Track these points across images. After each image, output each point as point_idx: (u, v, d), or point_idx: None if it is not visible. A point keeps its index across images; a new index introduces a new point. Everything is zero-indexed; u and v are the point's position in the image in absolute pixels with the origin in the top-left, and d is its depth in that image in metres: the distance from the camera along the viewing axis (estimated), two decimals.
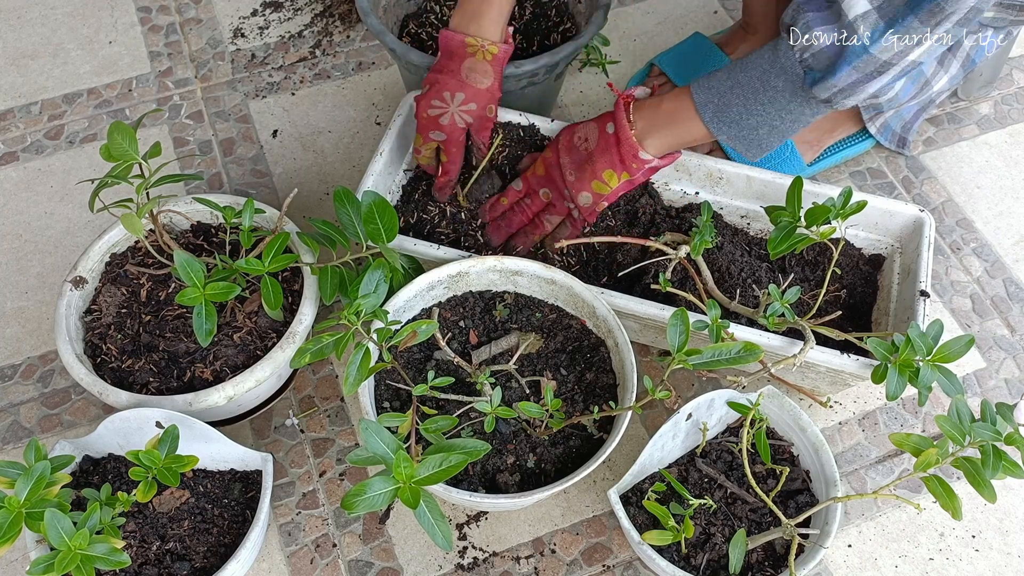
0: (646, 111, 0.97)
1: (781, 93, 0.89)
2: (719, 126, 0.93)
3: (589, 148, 0.98)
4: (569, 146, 1.00)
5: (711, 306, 0.90)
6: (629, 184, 0.99)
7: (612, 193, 0.99)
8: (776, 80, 0.89)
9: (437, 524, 0.73)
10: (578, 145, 1.00)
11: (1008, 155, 1.29)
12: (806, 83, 0.88)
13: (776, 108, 0.91)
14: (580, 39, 1.11)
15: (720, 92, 0.92)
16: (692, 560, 0.89)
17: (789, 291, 0.93)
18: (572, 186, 0.99)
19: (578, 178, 0.99)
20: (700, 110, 0.93)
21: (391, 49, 1.11)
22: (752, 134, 0.93)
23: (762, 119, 0.92)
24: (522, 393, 0.95)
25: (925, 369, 0.85)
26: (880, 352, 0.87)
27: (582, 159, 0.99)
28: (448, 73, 1.00)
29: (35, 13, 1.43)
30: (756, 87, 0.90)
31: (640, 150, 0.96)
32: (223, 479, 0.95)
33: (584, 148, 0.99)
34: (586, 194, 0.99)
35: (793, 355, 0.91)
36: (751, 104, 0.91)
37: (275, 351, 0.93)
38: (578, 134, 1.00)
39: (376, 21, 1.12)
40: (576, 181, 0.99)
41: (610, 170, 0.97)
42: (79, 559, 0.74)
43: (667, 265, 0.99)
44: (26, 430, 1.05)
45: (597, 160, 0.98)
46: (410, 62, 1.10)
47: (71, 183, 1.24)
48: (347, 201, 0.93)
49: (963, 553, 0.98)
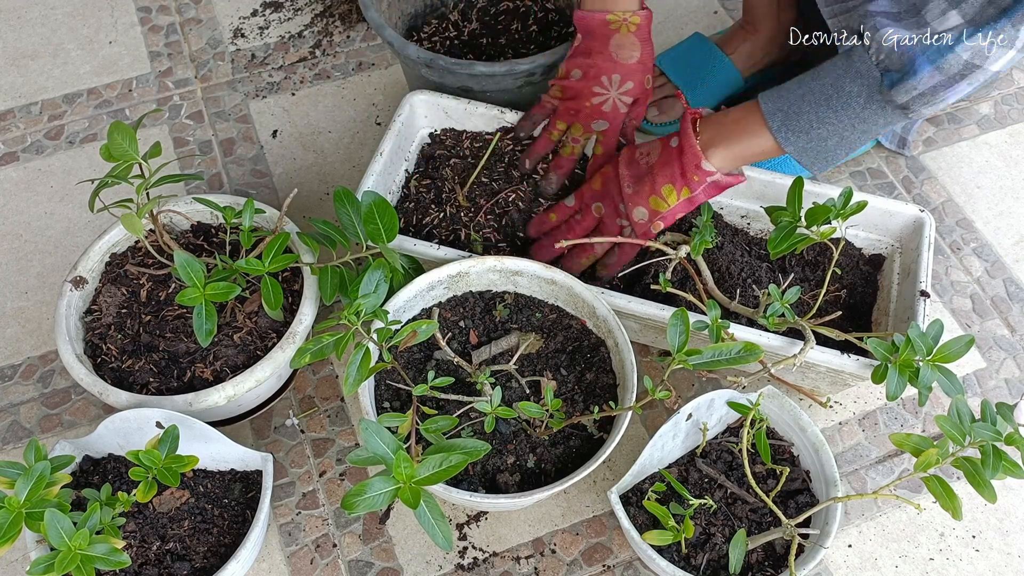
0: (712, 122, 0.94)
1: (855, 99, 0.86)
2: (787, 136, 0.90)
3: (650, 162, 0.95)
4: (630, 160, 0.97)
5: (711, 306, 0.90)
6: (689, 204, 0.94)
7: (670, 212, 0.95)
8: (851, 85, 0.86)
9: (437, 524, 0.73)
10: (639, 160, 0.96)
11: (1008, 155, 1.29)
12: (884, 85, 0.84)
13: (849, 116, 0.87)
14: None
15: (790, 100, 0.89)
16: (692, 560, 0.89)
17: (789, 291, 0.93)
18: (629, 199, 0.95)
19: (636, 191, 0.95)
20: (768, 119, 0.90)
21: (389, 42, 1.11)
22: (821, 145, 0.90)
23: (833, 128, 0.88)
24: (522, 393, 0.95)
25: (925, 369, 0.85)
26: (880, 352, 0.87)
27: (642, 173, 0.95)
28: (598, 55, 0.97)
29: (35, 13, 1.43)
30: (829, 94, 0.87)
31: (703, 159, 0.92)
32: (223, 479, 0.95)
33: (645, 162, 0.96)
34: (642, 209, 0.95)
35: (793, 355, 0.91)
36: (823, 112, 0.88)
37: (275, 351, 0.93)
38: (640, 149, 0.97)
39: (376, 15, 1.12)
40: (633, 195, 0.95)
41: (669, 185, 0.93)
42: (79, 559, 0.74)
43: (667, 265, 0.99)
44: (26, 430, 1.05)
45: (658, 174, 0.94)
46: (407, 56, 1.10)
47: (71, 183, 1.25)
48: (347, 201, 0.93)
49: (963, 553, 0.98)
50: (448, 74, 1.10)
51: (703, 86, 1.27)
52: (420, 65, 1.10)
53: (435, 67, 1.09)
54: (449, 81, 1.12)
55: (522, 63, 1.08)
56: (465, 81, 1.11)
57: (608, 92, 0.98)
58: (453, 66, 1.08)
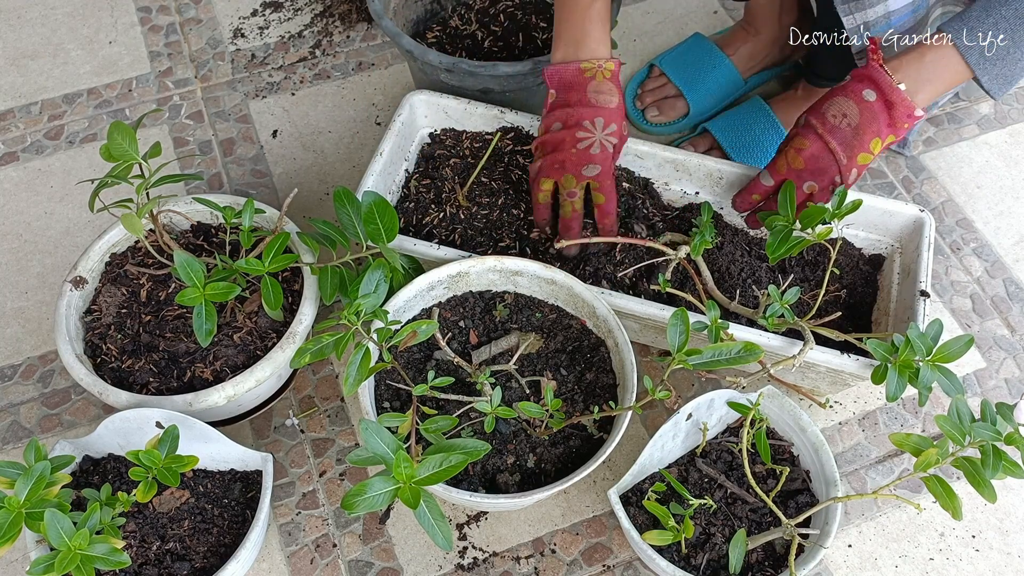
0: (909, 68, 0.93)
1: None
2: (985, 67, 0.91)
3: (852, 123, 0.94)
4: (831, 127, 0.94)
5: (710, 307, 0.90)
6: (889, 145, 0.96)
7: (873, 160, 0.96)
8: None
9: (437, 524, 0.73)
10: (839, 124, 0.94)
11: (1008, 155, 1.29)
12: None
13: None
14: None
15: (984, 31, 0.90)
16: (692, 560, 0.89)
17: (789, 292, 0.93)
18: (845, 168, 0.95)
19: (849, 156, 0.94)
20: (965, 54, 0.91)
21: (408, 51, 1.11)
22: (1013, 67, 0.91)
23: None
24: (522, 393, 0.95)
25: (925, 369, 0.85)
26: (880, 353, 0.87)
27: (847, 136, 0.94)
28: (578, 104, 0.97)
29: (35, 13, 1.43)
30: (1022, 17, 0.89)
31: (916, 108, 0.93)
32: (223, 479, 0.95)
33: (847, 124, 0.94)
34: (855, 171, 0.95)
35: (793, 355, 0.91)
36: (1018, 36, 0.89)
37: (275, 351, 0.93)
38: (831, 112, 0.95)
39: (391, 23, 1.12)
40: (849, 161, 0.95)
41: (876, 138, 0.94)
42: (79, 559, 0.74)
43: (667, 265, 0.99)
44: (26, 430, 1.05)
45: (864, 133, 0.94)
46: (428, 62, 1.10)
47: (71, 183, 1.25)
48: (347, 201, 0.93)
49: (963, 553, 0.98)
50: (469, 77, 1.10)
51: (703, 86, 1.27)
52: (440, 70, 1.10)
53: (456, 71, 1.09)
54: (469, 84, 1.12)
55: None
56: (487, 83, 1.11)
57: (593, 134, 0.96)
58: (476, 68, 1.08)
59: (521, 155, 1.10)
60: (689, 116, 1.28)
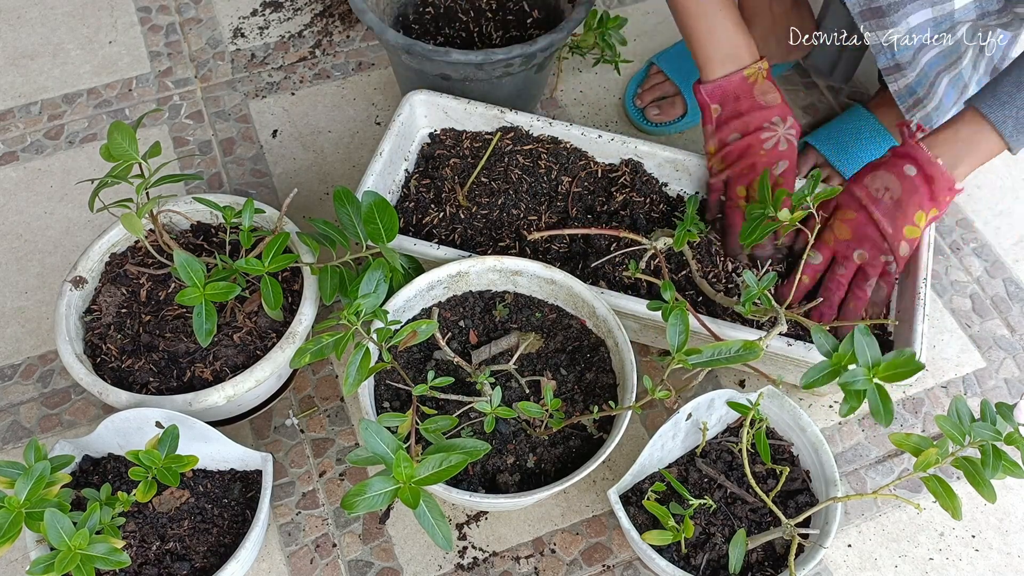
0: (944, 145, 0.95)
1: None
2: (1019, 137, 0.93)
3: (894, 196, 0.95)
4: (874, 199, 0.96)
5: (665, 287, 0.87)
6: (933, 220, 0.97)
7: (922, 234, 0.98)
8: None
9: (437, 524, 0.73)
10: (880, 197, 0.96)
11: (1008, 155, 1.28)
12: None
13: None
14: (556, 33, 1.10)
15: (1016, 103, 0.91)
16: (692, 560, 0.89)
17: (766, 278, 0.92)
18: (892, 238, 0.96)
19: (895, 228, 0.96)
20: (1000, 127, 0.92)
21: (369, 27, 1.11)
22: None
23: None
24: (522, 393, 0.95)
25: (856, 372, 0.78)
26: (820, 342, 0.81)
27: (890, 209, 0.96)
28: (750, 110, 1.00)
29: (35, 13, 1.43)
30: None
31: (955, 181, 0.95)
32: (223, 479, 0.95)
33: (888, 198, 0.96)
34: (904, 244, 0.96)
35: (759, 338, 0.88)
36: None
37: (275, 351, 0.93)
38: (872, 186, 0.96)
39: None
40: (895, 232, 0.96)
41: (920, 212, 0.95)
42: (79, 559, 0.74)
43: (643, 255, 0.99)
44: (26, 430, 1.05)
45: (907, 205, 0.95)
46: (387, 41, 1.10)
47: (71, 183, 1.24)
48: (347, 201, 0.93)
49: (963, 553, 0.98)
50: (426, 61, 1.10)
51: None
52: (400, 51, 1.10)
53: (414, 53, 1.09)
54: (428, 68, 1.12)
55: (498, 52, 1.08)
56: (442, 68, 1.11)
57: (777, 131, 1.00)
58: (430, 53, 1.08)
59: (521, 155, 1.10)
60: (688, 115, 1.28)
